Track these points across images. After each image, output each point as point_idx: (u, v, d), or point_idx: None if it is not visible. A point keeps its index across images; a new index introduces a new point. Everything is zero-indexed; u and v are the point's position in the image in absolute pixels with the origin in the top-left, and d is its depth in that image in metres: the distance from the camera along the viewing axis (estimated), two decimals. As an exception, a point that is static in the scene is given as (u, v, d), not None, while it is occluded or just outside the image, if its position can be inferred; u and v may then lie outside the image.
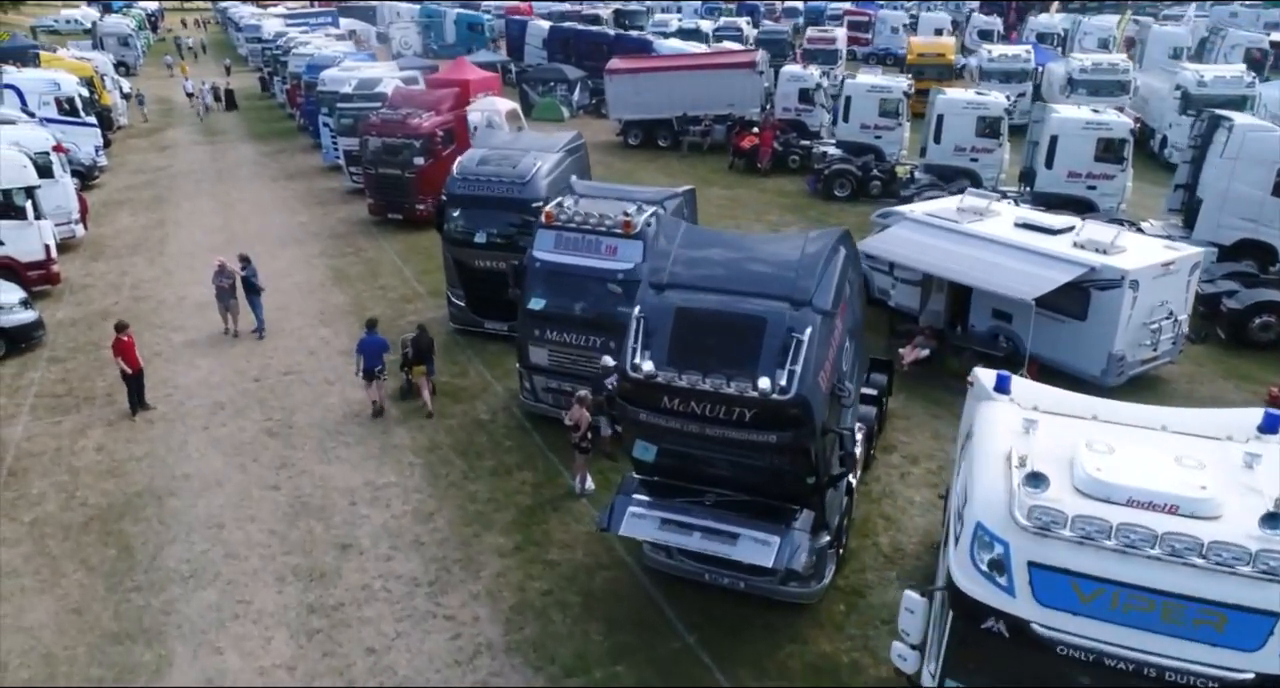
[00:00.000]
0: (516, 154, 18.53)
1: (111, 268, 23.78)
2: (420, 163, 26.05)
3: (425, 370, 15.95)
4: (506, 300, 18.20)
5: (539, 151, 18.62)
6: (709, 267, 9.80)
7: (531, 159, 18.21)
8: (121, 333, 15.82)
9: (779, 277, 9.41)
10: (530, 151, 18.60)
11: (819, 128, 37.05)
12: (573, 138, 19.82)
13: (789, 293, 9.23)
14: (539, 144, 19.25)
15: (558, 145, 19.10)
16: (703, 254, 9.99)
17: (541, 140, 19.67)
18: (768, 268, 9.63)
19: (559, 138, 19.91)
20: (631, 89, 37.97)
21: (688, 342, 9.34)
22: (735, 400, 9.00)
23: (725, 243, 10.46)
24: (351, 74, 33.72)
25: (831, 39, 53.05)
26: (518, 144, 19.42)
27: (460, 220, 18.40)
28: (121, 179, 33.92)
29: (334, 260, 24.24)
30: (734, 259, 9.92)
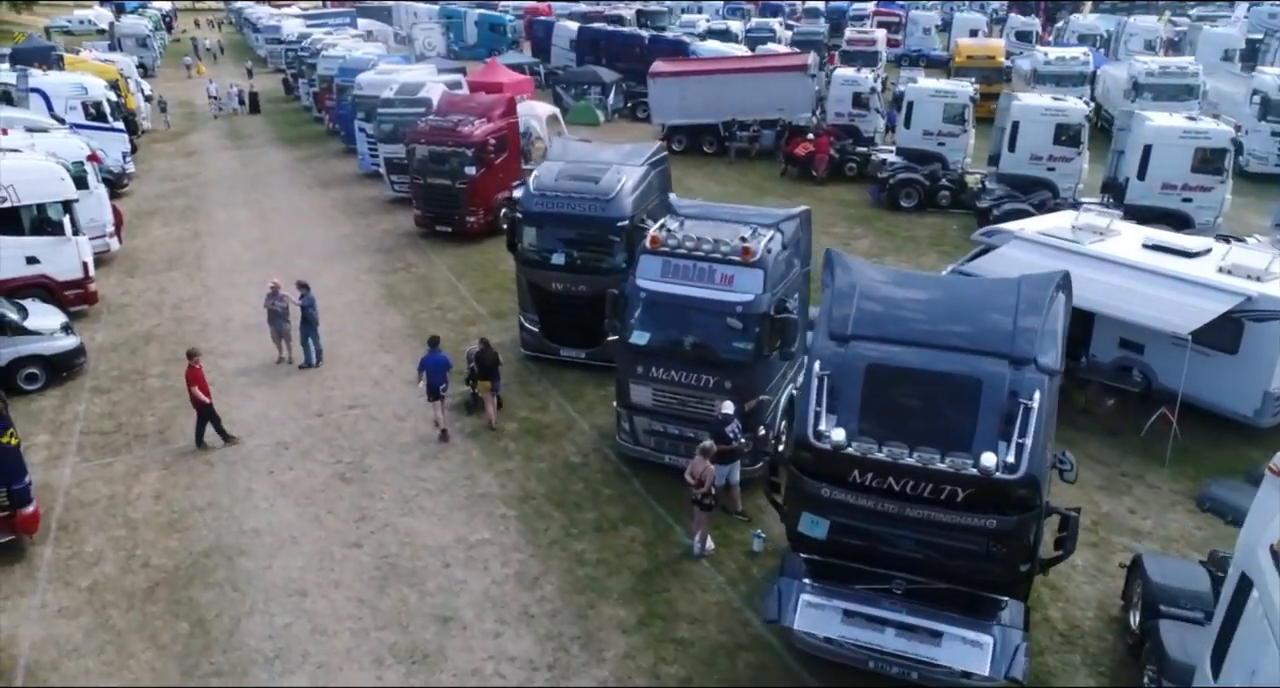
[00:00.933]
0: (598, 168, 17.09)
1: (149, 285, 22.41)
2: (472, 173, 24.65)
3: (490, 386, 15.13)
4: (584, 326, 16.89)
5: (622, 165, 17.19)
6: (903, 314, 8.38)
7: (615, 174, 16.78)
8: (193, 361, 14.54)
9: (993, 328, 7.97)
10: (612, 165, 17.18)
11: (873, 134, 35.60)
12: (655, 150, 18.39)
13: (1007, 348, 7.79)
14: (620, 157, 17.82)
15: (641, 158, 17.67)
16: (892, 298, 8.55)
17: (622, 152, 18.24)
18: (977, 317, 8.19)
19: (640, 149, 18.47)
20: (676, 93, 36.54)
21: (884, 405, 7.93)
22: (947, 478, 7.57)
23: (917, 284, 9.06)
24: (389, 77, 32.37)
25: (871, 40, 51.54)
26: (598, 157, 17.98)
27: (536, 240, 17.00)
28: (150, 187, 32.58)
29: (384, 277, 22.83)
30: (932, 305, 8.50)
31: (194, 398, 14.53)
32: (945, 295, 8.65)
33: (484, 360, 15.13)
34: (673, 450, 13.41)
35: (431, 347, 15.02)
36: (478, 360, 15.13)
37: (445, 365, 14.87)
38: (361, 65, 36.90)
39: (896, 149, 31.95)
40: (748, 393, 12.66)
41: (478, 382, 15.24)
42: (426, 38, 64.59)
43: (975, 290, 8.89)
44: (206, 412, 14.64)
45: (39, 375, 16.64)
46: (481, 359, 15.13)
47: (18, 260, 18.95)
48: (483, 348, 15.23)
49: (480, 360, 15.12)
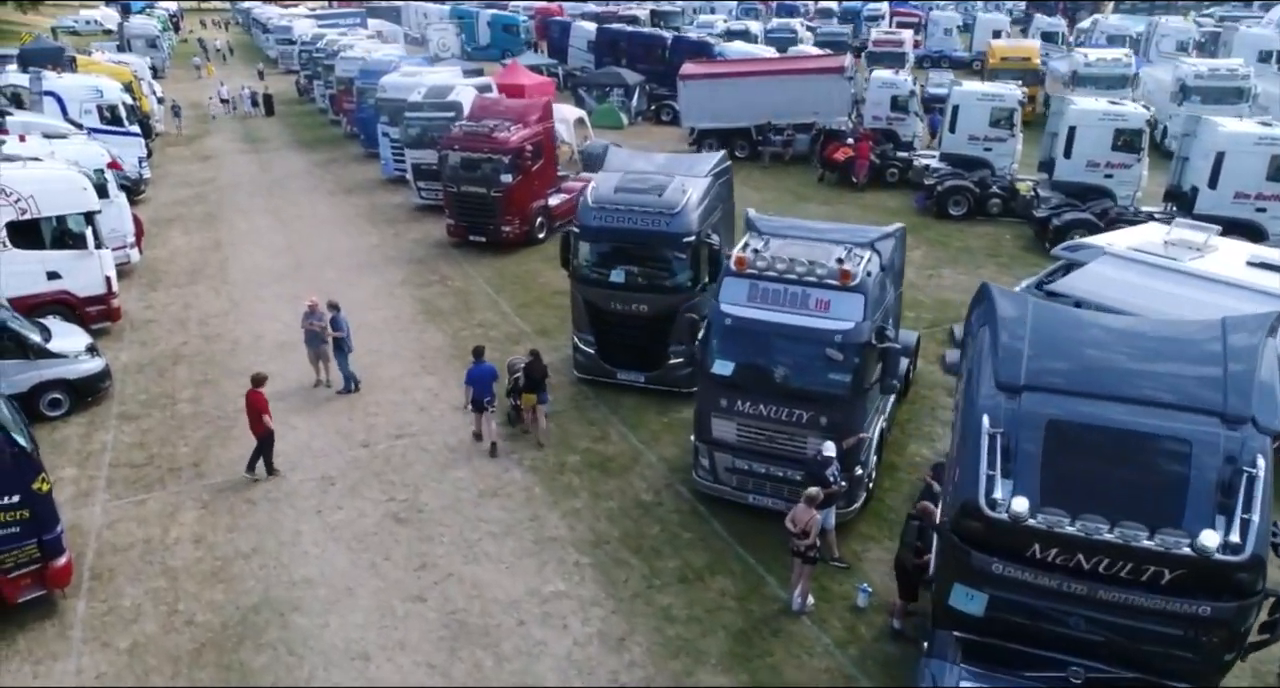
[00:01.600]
0: (660, 179, 15.97)
1: (173, 299, 21.32)
2: (508, 181, 23.55)
3: (537, 399, 14.38)
4: (644, 348, 15.79)
5: (685, 176, 16.06)
6: (1087, 360, 7.26)
7: (679, 186, 15.66)
8: (258, 386, 13.48)
9: (1199, 379, 6.87)
10: (675, 176, 16.05)
11: (911, 138, 34.50)
12: (719, 160, 17.27)
13: (1219, 405, 6.67)
14: (682, 167, 16.70)
15: (705, 168, 16.54)
16: (1071, 340, 7.44)
17: (684, 163, 17.12)
18: (1176, 365, 7.08)
19: (704, 159, 17.35)
20: (707, 95, 35.42)
21: (1069, 470, 6.83)
22: (1156, 558, 6.46)
23: (1099, 325, 7.90)
24: (415, 80, 31.29)
25: (899, 41, 50.38)
26: (659, 167, 16.86)
27: (594, 257, 15.88)
28: (167, 193, 31.51)
29: (419, 291, 21.73)
30: (1121, 349, 7.38)
31: (257, 425, 13.49)
32: (1134, 338, 7.54)
33: (533, 373, 14.36)
34: (757, 490, 12.32)
35: (476, 358, 14.34)
36: (526, 373, 14.40)
37: (491, 376, 14.23)
38: (383, 67, 35.86)
39: (940, 154, 30.84)
40: (845, 430, 11.55)
41: (523, 395, 14.50)
42: (441, 39, 63.59)
43: (1168, 333, 7.76)
44: (268, 441, 13.63)
45: (63, 401, 15.55)
46: (531, 372, 14.38)
47: (38, 276, 17.88)
48: (532, 359, 14.48)
49: (529, 373, 14.37)
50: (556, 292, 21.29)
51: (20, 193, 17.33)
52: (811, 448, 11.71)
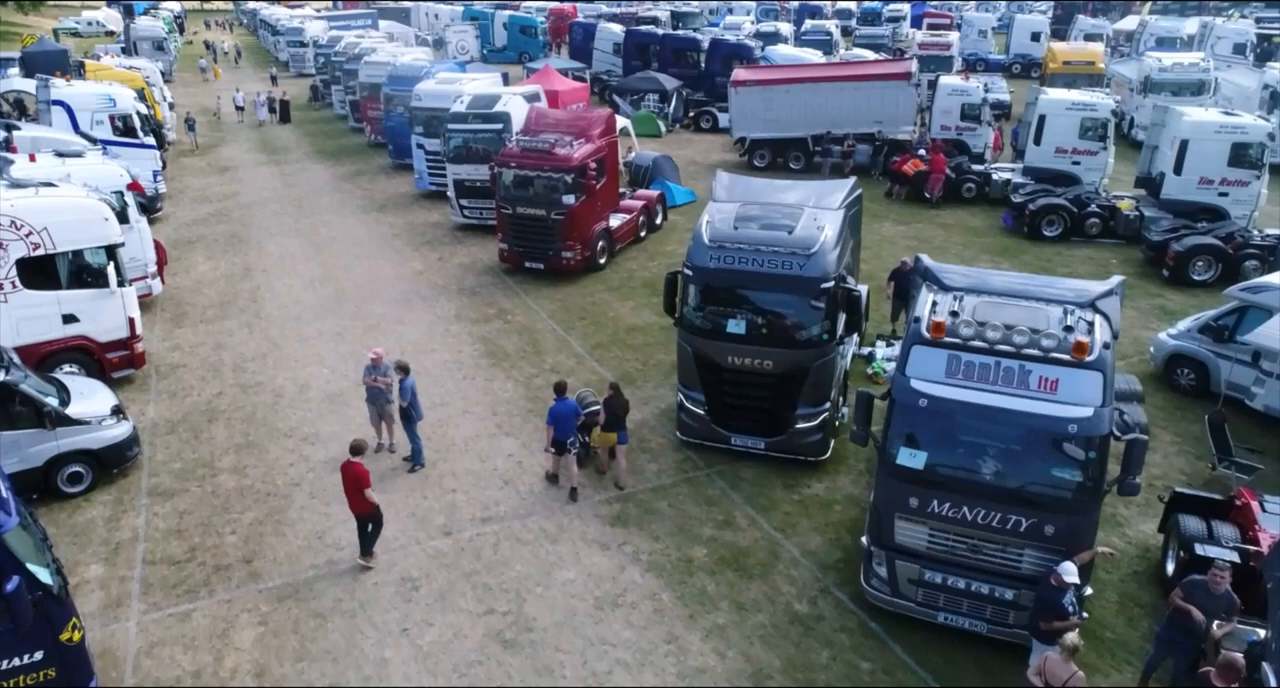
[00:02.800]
0: (789, 212, 13.60)
1: (202, 337, 18.95)
2: (570, 202, 21.20)
3: (617, 439, 13.15)
4: (766, 410, 13.43)
5: (815, 208, 13.71)
6: None
7: (813, 220, 13.30)
8: (357, 456, 11.28)
9: None
10: (805, 209, 13.69)
11: (982, 149, 32.14)
12: (850, 188, 14.89)
13: None
14: (810, 197, 14.31)
15: (837, 199, 14.18)
16: None
17: (811, 192, 14.71)
18: None
19: (833, 187, 14.95)
20: (761, 103, 33.06)
21: None
22: None
23: None
24: (452, 88, 28.96)
25: (946, 44, 48.01)
26: (784, 197, 14.47)
27: (709, 303, 13.50)
28: (186, 210, 29.14)
29: (477, 327, 19.36)
30: None
31: (360, 502, 11.32)
32: None
33: (613, 408, 13.09)
34: (951, 608, 9.97)
35: (559, 394, 13.00)
36: (606, 408, 13.14)
37: (575, 414, 13.01)
38: (414, 73, 33.53)
39: (1023, 168, 28.51)
40: (1074, 542, 9.20)
41: (599, 433, 13.30)
42: (460, 41, 61.30)
43: None
44: (377, 520, 11.55)
45: (85, 475, 13.20)
46: (611, 408, 13.09)
47: (53, 319, 15.53)
48: (612, 394, 13.21)
49: (609, 409, 13.09)
50: (632, 329, 19.00)
51: (32, 225, 14.97)
52: (1028, 561, 9.37)
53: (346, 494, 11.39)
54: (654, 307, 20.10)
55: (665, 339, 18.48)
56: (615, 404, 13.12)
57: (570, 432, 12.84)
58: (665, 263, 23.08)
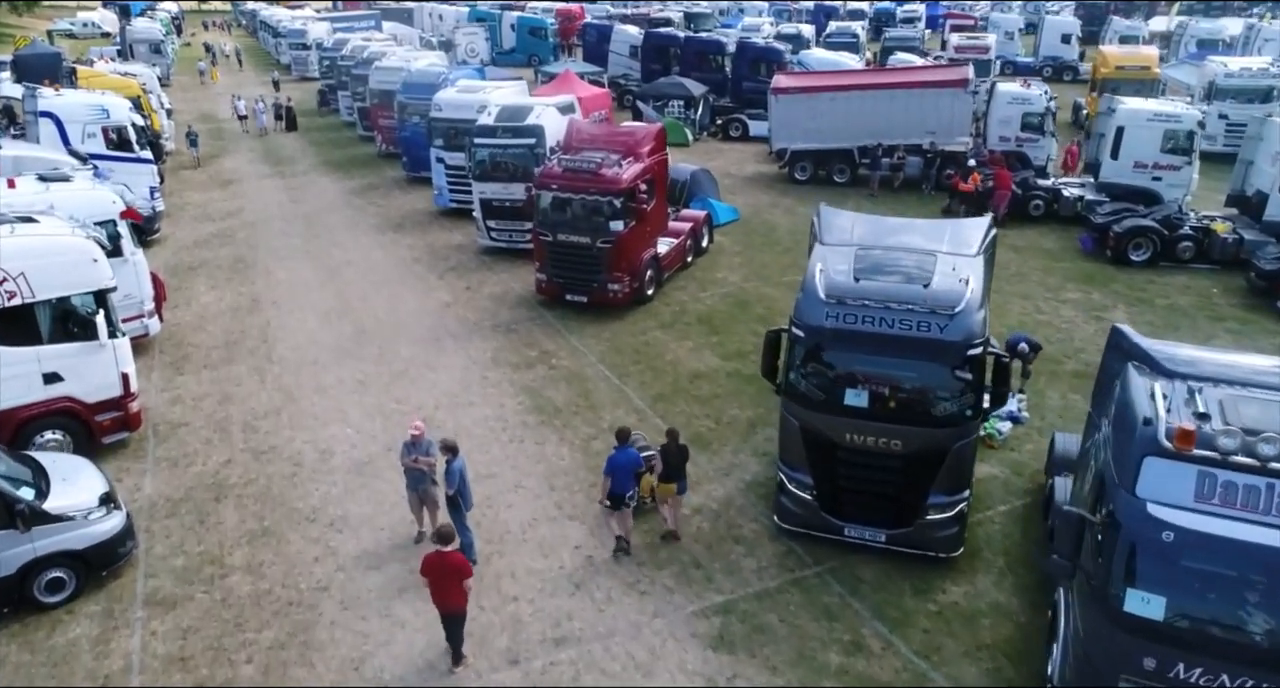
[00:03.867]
0: (920, 260, 11.27)
1: (207, 388, 16.60)
2: (618, 229, 18.90)
3: (676, 489, 11.80)
4: (888, 497, 11.13)
5: (951, 253, 11.39)
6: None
7: (952, 271, 10.98)
8: (449, 545, 9.26)
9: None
10: (936, 253, 11.37)
11: (1045, 162, 29.87)
12: (986, 227, 12.57)
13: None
14: (941, 239, 11.99)
15: (974, 240, 11.89)
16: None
17: (938, 232, 12.40)
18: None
19: (966, 227, 12.63)
20: (804, 112, 30.76)
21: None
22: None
23: None
24: (476, 97, 26.68)
25: (985, 47, 45.77)
26: (907, 239, 12.14)
27: (825, 371, 11.18)
28: (186, 230, 26.79)
29: (519, 374, 17.02)
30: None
31: (455, 596, 9.40)
32: None
33: (671, 458, 11.70)
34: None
35: (620, 442, 11.69)
36: (662, 457, 11.71)
37: (635, 465, 11.67)
38: (430, 80, 31.24)
39: (1098, 184, 26.22)
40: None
41: (660, 485, 11.82)
42: (469, 43, 58.95)
43: None
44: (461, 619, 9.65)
45: (67, 581, 10.86)
46: (668, 457, 11.68)
47: (32, 379, 13.19)
48: (668, 442, 11.81)
49: (666, 458, 11.69)
50: (696, 375, 16.69)
51: (7, 271, 12.64)
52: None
53: (437, 590, 9.37)
54: (714, 348, 17.86)
55: (735, 389, 16.22)
56: (672, 453, 11.73)
57: (629, 485, 11.51)
58: (718, 294, 20.83)
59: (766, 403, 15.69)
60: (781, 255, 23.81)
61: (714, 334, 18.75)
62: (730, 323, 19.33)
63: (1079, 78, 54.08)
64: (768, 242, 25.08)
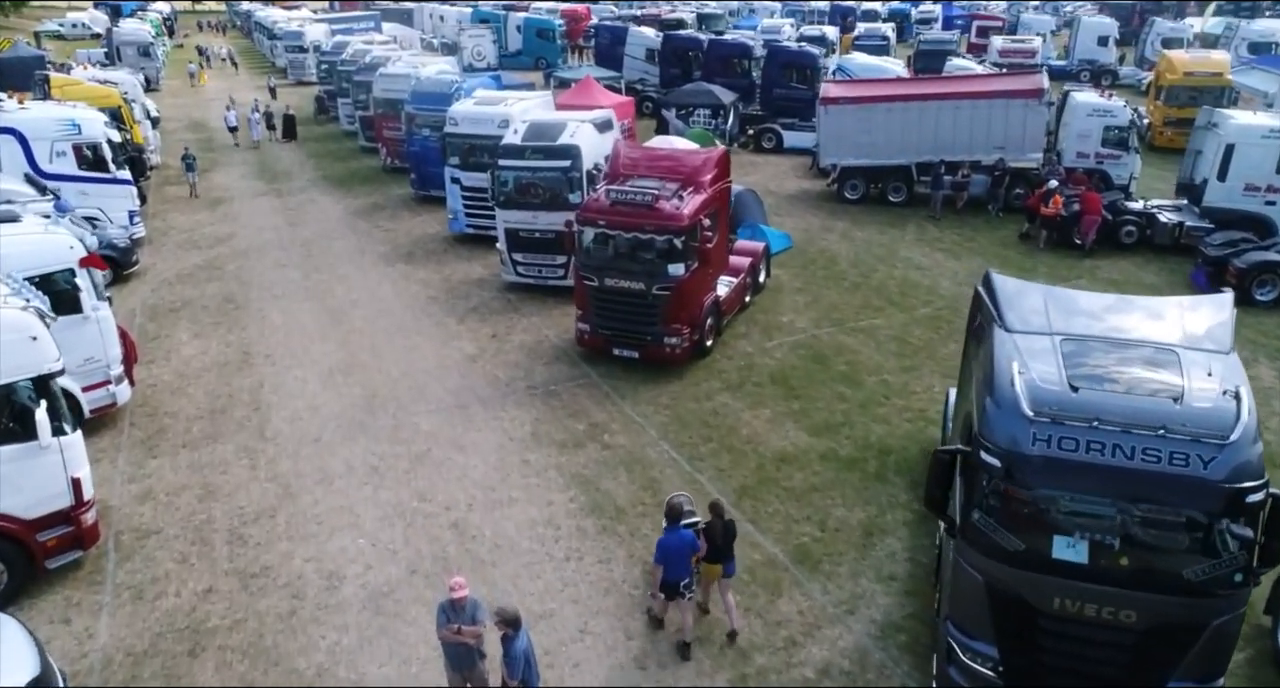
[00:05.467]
0: (1158, 359, 8.21)
1: (185, 477, 13.50)
2: (678, 273, 15.86)
3: (723, 571, 10.16)
4: (1108, 684, 8.07)
5: (1195, 349, 8.34)
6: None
7: (1204, 375, 7.95)
8: None
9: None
10: (1176, 350, 8.31)
11: (1128, 181, 26.88)
12: (1228, 304, 9.52)
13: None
14: (1171, 322, 8.94)
15: (1218, 326, 8.85)
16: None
17: (1161, 309, 9.35)
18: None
19: (1202, 306, 9.57)
20: (856, 125, 27.77)
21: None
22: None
23: None
24: (496, 110, 23.67)
25: (1031, 51, 42.86)
26: (1128, 323, 9.06)
27: (1026, 509, 8.12)
28: (169, 260, 23.68)
29: (566, 456, 13.94)
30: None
31: None
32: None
33: (716, 536, 10.03)
34: None
35: (672, 520, 9.90)
36: (707, 537, 10.05)
37: (692, 548, 9.87)
38: (442, 89, 28.27)
39: (1202, 209, 23.22)
40: None
41: (706, 565, 10.18)
42: (476, 46, 55.82)
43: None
44: None
45: None
46: (712, 535, 10.03)
47: (-52, 496, 10.10)
48: (714, 518, 10.10)
49: (710, 536, 10.03)
50: (782, 459, 13.67)
51: (-87, 359, 9.56)
52: None
53: None
54: (797, 418, 14.84)
55: (834, 479, 13.22)
56: (717, 531, 10.01)
57: (685, 572, 9.75)
58: (787, 344, 17.81)
59: (878, 499, 12.73)
60: (850, 293, 20.79)
61: (793, 399, 15.72)
62: (809, 383, 16.29)
63: (1118, 82, 51.29)
64: (830, 275, 22.05)
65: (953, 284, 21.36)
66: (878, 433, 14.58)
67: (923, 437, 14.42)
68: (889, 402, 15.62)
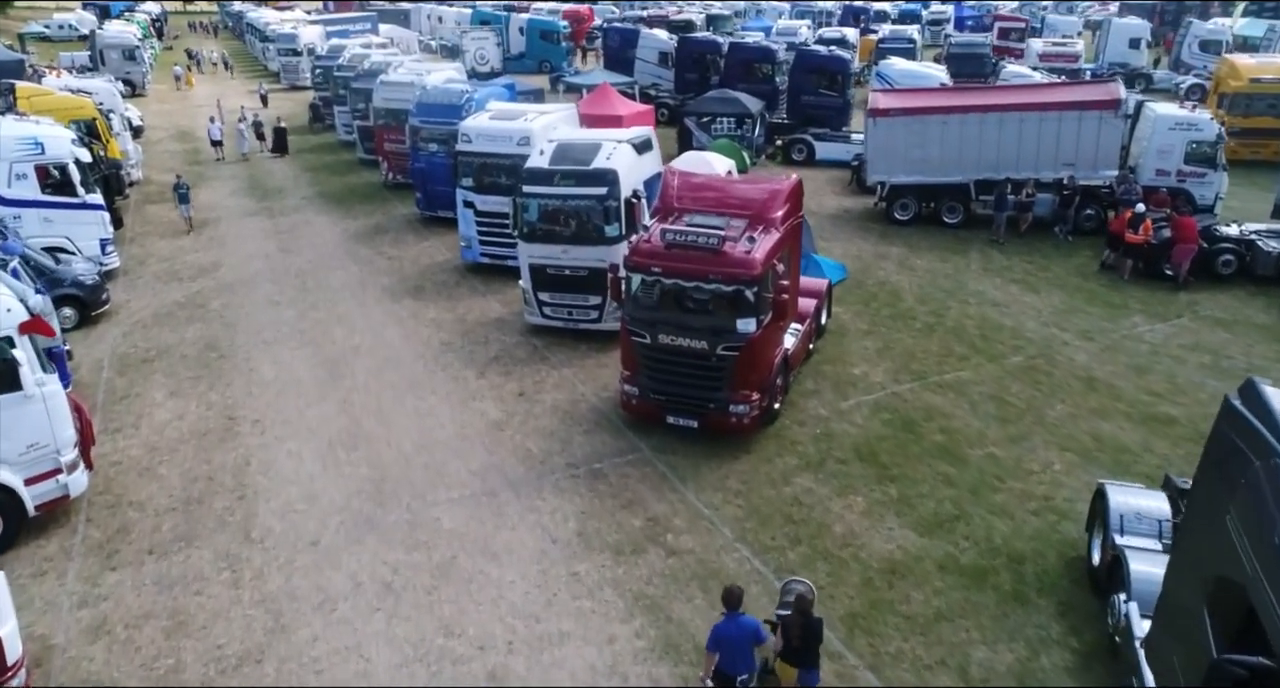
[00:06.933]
0: None
1: (149, 600, 10.79)
2: (749, 330, 13.18)
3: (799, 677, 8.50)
4: None
5: None
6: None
7: None
8: None
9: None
10: None
11: (1213, 201, 24.32)
12: None
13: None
14: None
15: None
16: None
17: None
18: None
19: None
20: (909, 139, 25.20)
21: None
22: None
23: None
24: (514, 126, 21.02)
25: (1075, 55, 40.30)
26: None
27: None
28: (145, 295, 20.95)
29: (624, 567, 11.26)
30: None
31: None
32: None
33: (793, 633, 8.42)
34: None
35: (729, 607, 8.42)
36: (783, 631, 8.50)
37: (753, 636, 8.36)
38: (450, 99, 25.67)
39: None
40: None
41: (781, 664, 8.66)
42: (479, 49, 53.16)
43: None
44: None
45: None
46: (789, 630, 8.45)
47: None
48: (794, 613, 8.50)
49: (787, 632, 8.45)
50: (893, 571, 11.03)
51: None
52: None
53: None
54: (898, 509, 12.24)
55: (965, 602, 10.57)
56: (795, 626, 8.51)
57: (744, 665, 8.48)
58: (865, 405, 15.24)
59: (1023, 632, 10.10)
60: (924, 337, 18.16)
61: (887, 481, 13.07)
62: (902, 459, 13.64)
63: (1152, 87, 48.83)
64: (897, 313, 19.42)
65: (1039, 325, 18.76)
66: (1001, 531, 11.92)
67: (1057, 538, 11.78)
68: (1004, 485, 12.97)
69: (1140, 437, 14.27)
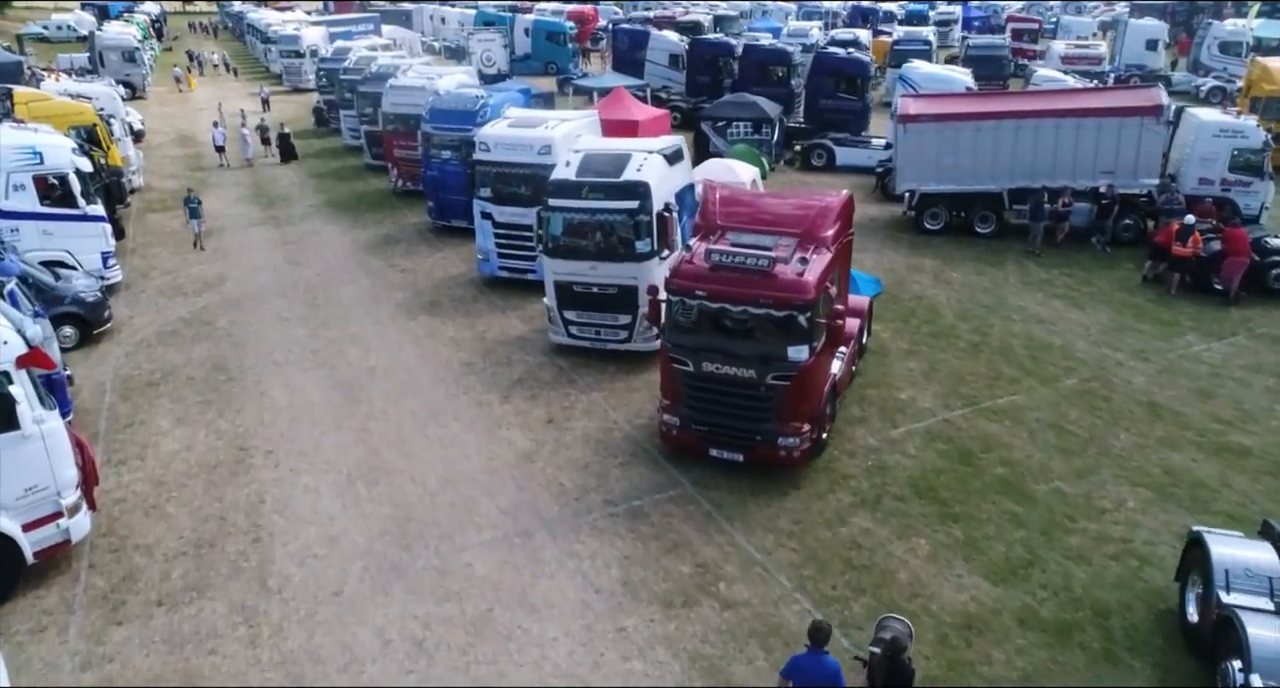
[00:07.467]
0: None
1: (158, 661, 9.86)
2: (801, 358, 12.25)
3: None
4: None
5: None
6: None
7: None
8: None
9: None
10: None
11: (1259, 211, 23.41)
12: None
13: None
14: None
15: None
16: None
17: None
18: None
19: None
20: (940, 146, 24.31)
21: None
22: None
23: None
24: (535, 134, 20.10)
25: (1099, 57, 39.36)
26: None
27: None
28: (148, 312, 20.01)
29: (675, 622, 10.33)
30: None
31: None
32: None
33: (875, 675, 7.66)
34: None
35: (815, 643, 7.76)
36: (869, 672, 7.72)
37: (832, 681, 7.61)
38: (464, 105, 24.79)
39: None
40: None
41: None
42: (485, 51, 52.14)
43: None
44: None
45: None
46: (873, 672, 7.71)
47: None
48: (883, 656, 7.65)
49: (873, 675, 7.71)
50: (969, 626, 10.14)
51: None
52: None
53: None
54: (966, 553, 11.44)
55: (1052, 663, 9.71)
56: (880, 669, 7.71)
57: None
58: (918, 433, 14.39)
59: (1125, 699, 9.10)
60: (970, 357, 17.24)
61: (950, 521, 12.14)
62: (964, 496, 12.72)
63: (1171, 90, 47.88)
64: (938, 331, 18.51)
65: (1089, 345, 17.84)
66: (1080, 579, 11.00)
67: (1142, 587, 10.85)
68: (1076, 526, 12.04)
69: (1215, 470, 13.34)
